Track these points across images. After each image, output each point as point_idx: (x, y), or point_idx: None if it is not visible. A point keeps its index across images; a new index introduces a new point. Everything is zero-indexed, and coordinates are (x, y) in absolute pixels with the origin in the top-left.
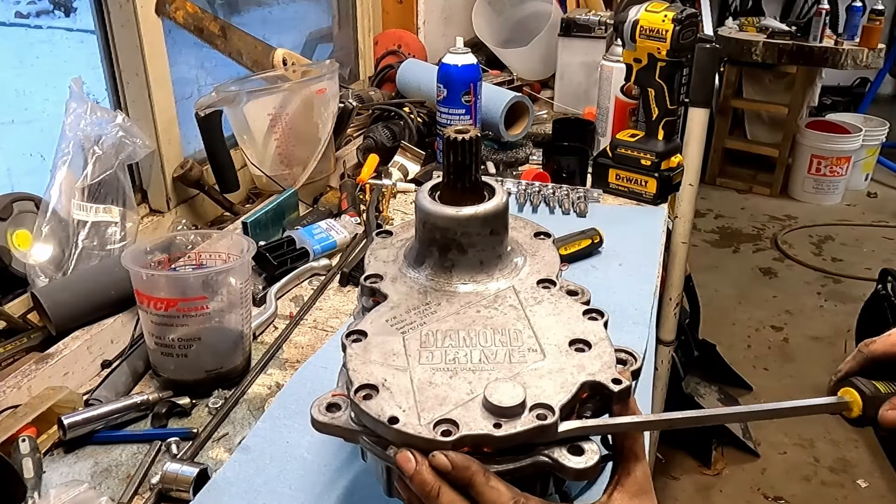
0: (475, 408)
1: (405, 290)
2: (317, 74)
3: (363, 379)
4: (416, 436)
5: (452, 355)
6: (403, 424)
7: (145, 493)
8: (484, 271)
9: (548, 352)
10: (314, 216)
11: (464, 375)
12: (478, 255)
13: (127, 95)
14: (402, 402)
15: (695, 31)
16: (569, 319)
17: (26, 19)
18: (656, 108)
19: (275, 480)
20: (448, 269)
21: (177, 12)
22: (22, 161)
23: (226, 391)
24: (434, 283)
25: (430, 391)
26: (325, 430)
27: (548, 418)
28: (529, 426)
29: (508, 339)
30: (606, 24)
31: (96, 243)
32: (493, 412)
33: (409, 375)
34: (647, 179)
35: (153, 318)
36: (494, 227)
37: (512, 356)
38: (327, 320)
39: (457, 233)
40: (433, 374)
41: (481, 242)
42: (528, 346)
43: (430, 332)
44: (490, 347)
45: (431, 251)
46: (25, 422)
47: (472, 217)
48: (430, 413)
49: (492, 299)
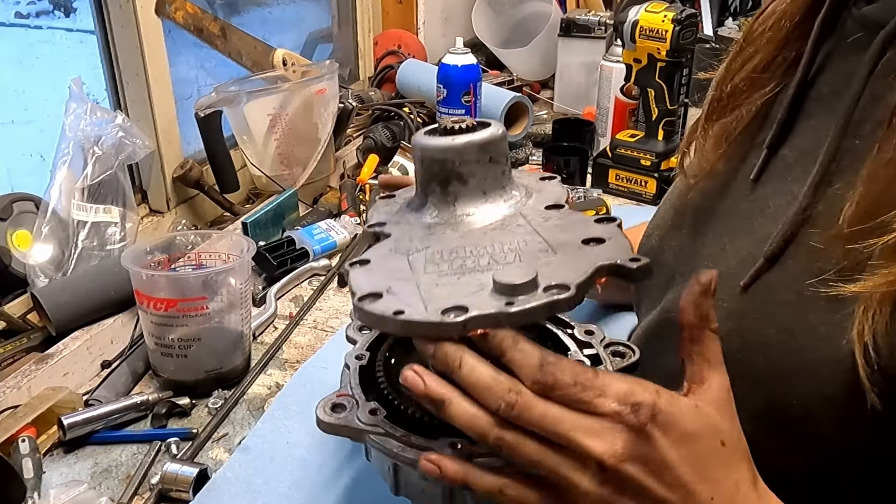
0: (485, 295)
1: (409, 228)
2: (317, 74)
3: (367, 289)
4: (422, 322)
5: (459, 263)
6: (409, 315)
7: (145, 494)
8: (488, 201)
9: (560, 251)
10: (314, 216)
11: (472, 276)
12: (480, 184)
13: (127, 96)
14: (408, 301)
15: (695, 31)
16: (581, 227)
17: (26, 19)
18: (656, 109)
19: (275, 480)
20: (451, 202)
21: (177, 13)
22: (22, 161)
23: (226, 391)
24: (438, 218)
25: (436, 291)
26: (330, 430)
27: (564, 293)
28: (545, 300)
29: (517, 245)
30: (606, 24)
31: (96, 244)
32: (503, 292)
33: (414, 282)
34: (646, 179)
35: (153, 319)
36: (493, 154)
37: (522, 257)
38: (327, 320)
39: (455, 162)
40: (439, 279)
41: (482, 171)
42: (539, 249)
43: (435, 251)
44: (499, 253)
45: (433, 188)
46: (25, 422)
47: (469, 144)
48: (438, 304)
49: (498, 223)
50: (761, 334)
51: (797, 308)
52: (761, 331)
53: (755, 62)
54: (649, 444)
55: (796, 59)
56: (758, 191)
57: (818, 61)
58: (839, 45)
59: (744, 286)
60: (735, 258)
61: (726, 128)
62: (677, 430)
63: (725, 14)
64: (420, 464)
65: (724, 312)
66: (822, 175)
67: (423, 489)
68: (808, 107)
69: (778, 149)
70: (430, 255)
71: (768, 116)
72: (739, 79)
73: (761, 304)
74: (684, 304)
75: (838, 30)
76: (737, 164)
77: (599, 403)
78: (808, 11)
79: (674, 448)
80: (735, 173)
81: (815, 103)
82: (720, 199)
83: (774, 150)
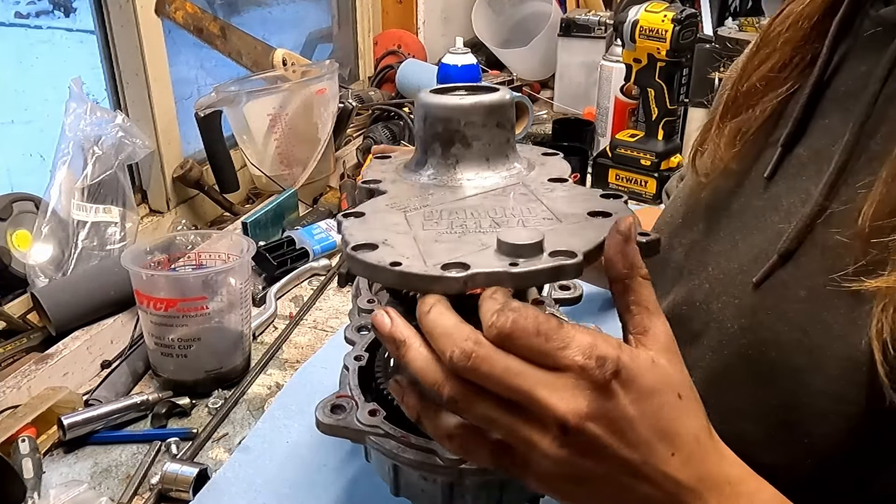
0: (487, 254)
1: (405, 187)
2: (317, 74)
3: (361, 239)
4: (421, 275)
5: (460, 223)
6: (408, 266)
7: (145, 494)
8: (490, 168)
9: (566, 221)
10: (314, 216)
11: (473, 236)
12: (483, 149)
13: (127, 95)
14: (406, 253)
15: (694, 31)
16: (586, 199)
17: (26, 19)
18: (656, 108)
19: (275, 480)
20: (452, 165)
21: (176, 12)
22: (22, 161)
23: (226, 391)
24: (437, 180)
25: (436, 247)
26: (330, 431)
27: (571, 259)
28: (551, 264)
29: (521, 211)
30: (606, 24)
31: (96, 243)
32: (508, 253)
33: (412, 237)
34: (646, 179)
35: (153, 319)
36: (500, 120)
37: (526, 223)
38: (327, 320)
39: (460, 123)
40: (439, 236)
41: (486, 135)
42: (544, 217)
43: (434, 209)
44: (501, 217)
45: (433, 148)
46: (25, 422)
47: (477, 105)
48: (438, 259)
49: (500, 190)
50: (773, 331)
51: (811, 305)
52: (773, 328)
53: (772, 62)
54: (612, 402)
55: (813, 60)
56: (771, 189)
57: (834, 61)
58: (856, 46)
59: (756, 283)
60: (747, 255)
61: (741, 126)
62: (637, 386)
63: (725, 14)
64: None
65: (735, 309)
66: (838, 174)
67: (423, 489)
68: (824, 106)
69: (792, 147)
70: (428, 213)
71: (783, 115)
72: (756, 78)
73: (774, 301)
74: (611, 255)
75: (855, 30)
76: (750, 163)
77: (563, 357)
78: (825, 12)
79: (634, 405)
80: (748, 171)
81: (831, 103)
82: (733, 196)
83: (789, 148)
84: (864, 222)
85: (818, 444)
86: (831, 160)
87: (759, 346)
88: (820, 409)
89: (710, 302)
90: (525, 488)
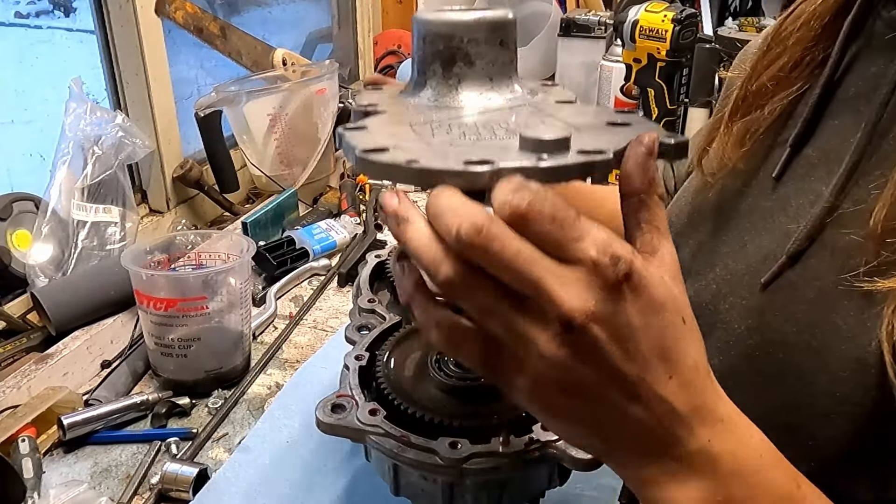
0: (511, 152)
1: (405, 109)
2: (317, 74)
3: (370, 144)
4: (443, 170)
5: (473, 132)
6: (427, 163)
7: (145, 493)
8: (494, 89)
9: (584, 130)
10: (314, 216)
11: (490, 141)
12: (487, 68)
13: (127, 95)
14: (421, 154)
15: (694, 31)
16: (600, 113)
17: (26, 19)
18: (656, 108)
19: (275, 480)
20: (453, 86)
21: (176, 12)
22: (22, 161)
23: (225, 391)
24: (438, 102)
25: (452, 149)
26: (330, 430)
27: (601, 156)
28: (580, 160)
29: (535, 123)
30: (606, 24)
31: (96, 243)
32: (533, 148)
33: (424, 142)
34: None
35: (153, 319)
36: (503, 38)
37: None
38: (327, 320)
39: (463, 40)
40: (452, 141)
41: (490, 53)
42: (560, 126)
43: (441, 122)
44: (515, 128)
45: (434, 69)
46: (25, 422)
47: (479, 21)
48: (458, 157)
49: (506, 109)
50: (781, 332)
51: (819, 306)
52: (781, 328)
53: (782, 62)
54: (619, 306)
55: (823, 60)
56: (779, 189)
57: (845, 62)
58: (867, 47)
59: (764, 284)
60: (755, 256)
61: (749, 126)
62: (647, 296)
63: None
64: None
65: (743, 310)
66: (849, 174)
67: (423, 489)
68: (834, 107)
69: (801, 148)
70: (436, 125)
71: (792, 115)
72: (766, 78)
73: (782, 301)
74: (630, 167)
75: (866, 32)
76: (759, 163)
77: (577, 248)
78: (837, 12)
79: (640, 315)
80: (757, 171)
81: (841, 104)
82: (741, 197)
83: (798, 148)
84: (876, 223)
85: (823, 446)
86: (841, 161)
87: (766, 347)
88: (825, 410)
89: (717, 303)
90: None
